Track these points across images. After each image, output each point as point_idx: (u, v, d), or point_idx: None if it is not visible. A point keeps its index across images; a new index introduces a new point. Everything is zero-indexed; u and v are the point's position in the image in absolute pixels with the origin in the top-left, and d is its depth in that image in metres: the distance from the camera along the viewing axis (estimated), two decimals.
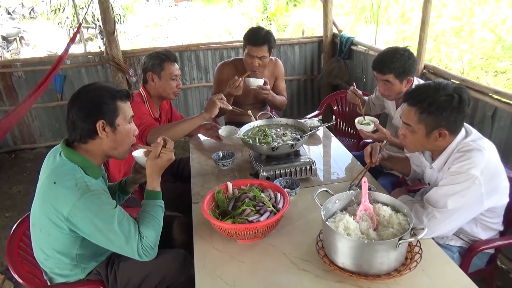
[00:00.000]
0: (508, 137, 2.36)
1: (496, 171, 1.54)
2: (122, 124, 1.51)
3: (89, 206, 1.38)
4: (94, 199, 1.39)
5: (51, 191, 1.41)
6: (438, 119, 1.51)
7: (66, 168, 1.45)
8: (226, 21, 13.19)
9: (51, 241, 1.48)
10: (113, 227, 1.40)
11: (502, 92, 2.38)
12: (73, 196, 1.36)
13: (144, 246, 1.45)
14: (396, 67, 2.10)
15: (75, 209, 1.36)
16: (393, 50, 2.15)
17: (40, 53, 10.11)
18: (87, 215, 1.38)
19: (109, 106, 1.47)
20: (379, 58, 2.18)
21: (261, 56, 2.69)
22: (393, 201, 1.49)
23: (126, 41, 11.65)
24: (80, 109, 1.45)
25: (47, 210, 1.42)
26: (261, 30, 2.71)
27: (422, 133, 1.57)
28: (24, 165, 4.50)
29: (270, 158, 2.05)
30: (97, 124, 1.45)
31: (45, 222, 1.44)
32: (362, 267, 1.30)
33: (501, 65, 5.91)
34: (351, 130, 3.62)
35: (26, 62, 4.54)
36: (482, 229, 1.67)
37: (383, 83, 2.19)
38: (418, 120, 1.55)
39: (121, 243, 1.42)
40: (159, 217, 1.54)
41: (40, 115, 4.68)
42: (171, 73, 2.37)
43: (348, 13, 10.08)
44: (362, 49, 4.26)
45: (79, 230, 1.41)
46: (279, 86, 3.06)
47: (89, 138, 1.48)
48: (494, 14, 7.10)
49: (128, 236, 1.42)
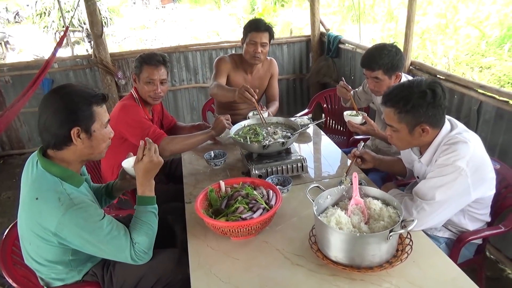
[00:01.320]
0: (493, 130, 2.42)
1: (481, 162, 1.58)
2: (98, 129, 1.45)
3: (75, 221, 1.34)
4: (80, 213, 1.35)
5: (34, 207, 1.37)
6: (417, 116, 1.55)
7: (46, 181, 1.39)
8: (213, 22, 13.20)
9: (41, 253, 1.46)
10: (103, 238, 1.38)
11: (487, 87, 2.43)
12: (57, 213, 1.32)
13: (137, 252, 1.45)
14: (385, 63, 2.14)
15: (61, 225, 1.33)
16: (381, 47, 2.19)
17: (27, 57, 10.00)
18: (74, 230, 1.35)
19: (84, 112, 1.40)
20: (367, 55, 2.22)
21: (264, 42, 2.72)
22: (383, 194, 1.52)
23: (113, 43, 11.59)
24: (54, 115, 1.37)
25: (33, 226, 1.39)
26: (262, 20, 2.79)
27: (405, 132, 1.61)
28: (13, 170, 4.45)
29: (261, 156, 2.07)
30: (71, 131, 1.38)
31: (33, 236, 1.41)
32: (354, 260, 1.33)
33: (486, 60, 6.01)
34: (341, 128, 3.66)
35: (13, 67, 4.49)
36: (469, 220, 1.71)
37: (372, 80, 2.23)
38: (398, 120, 1.59)
39: (113, 251, 1.42)
40: (152, 223, 1.52)
41: (29, 119, 4.64)
42: (147, 77, 2.27)
43: (335, 12, 10.17)
44: (349, 47, 4.30)
45: (68, 243, 1.40)
46: (273, 86, 3.07)
47: (64, 145, 1.42)
48: (478, 11, 7.23)
49: (119, 245, 1.42)
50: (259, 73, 2.95)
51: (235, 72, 2.88)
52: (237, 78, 2.87)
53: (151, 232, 1.51)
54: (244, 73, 2.91)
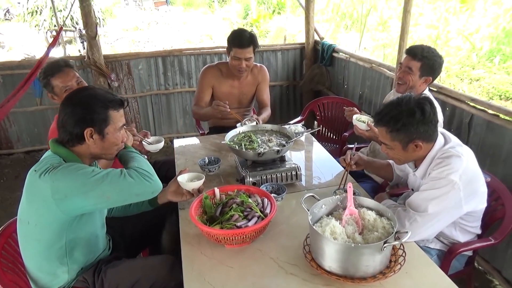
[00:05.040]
0: (483, 143, 2.46)
1: (473, 176, 1.61)
2: (111, 133, 1.51)
3: (67, 172, 1.38)
4: (69, 166, 1.41)
5: (32, 179, 1.43)
6: (408, 134, 1.58)
7: (47, 159, 1.46)
8: (207, 26, 13.18)
9: (39, 232, 1.46)
10: (100, 178, 1.38)
11: (478, 100, 2.48)
12: (50, 174, 1.37)
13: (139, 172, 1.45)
14: (427, 59, 2.20)
15: (55, 182, 1.36)
16: (430, 47, 2.28)
17: (17, 56, 9.86)
18: (69, 180, 1.38)
19: (100, 115, 1.47)
20: (416, 45, 2.31)
21: (248, 57, 2.75)
22: (377, 205, 1.54)
23: (106, 44, 11.49)
24: (71, 115, 1.45)
25: (32, 198, 1.43)
26: (245, 32, 2.76)
27: (399, 149, 1.64)
28: (1, 171, 4.38)
29: (256, 163, 2.07)
30: (85, 131, 1.45)
31: (32, 212, 1.45)
32: (348, 270, 1.33)
33: (476, 72, 6.12)
34: (333, 136, 3.69)
35: (4, 66, 4.43)
36: (461, 232, 1.74)
37: (405, 69, 2.27)
38: (391, 138, 1.62)
39: (119, 188, 1.40)
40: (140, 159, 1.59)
41: (18, 119, 4.57)
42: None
43: (328, 20, 10.26)
44: (343, 56, 4.34)
45: (68, 201, 1.38)
46: (263, 93, 3.07)
47: (77, 143, 1.49)
48: (468, 23, 7.37)
49: (118, 173, 1.41)
50: (247, 79, 2.98)
51: (222, 81, 2.92)
52: (224, 87, 2.92)
53: (143, 162, 1.54)
54: (232, 80, 2.94)
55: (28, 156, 4.71)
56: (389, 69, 3.45)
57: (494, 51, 6.47)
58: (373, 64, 3.76)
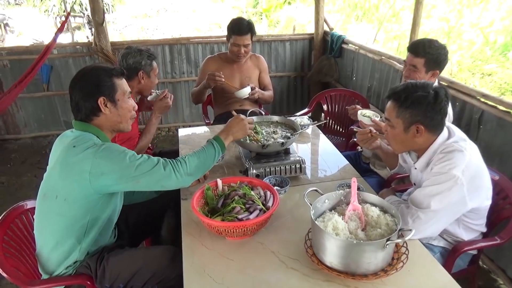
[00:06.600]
0: (493, 140, 2.41)
1: (477, 171, 1.57)
2: (121, 99, 1.60)
3: (109, 152, 1.47)
4: (112, 147, 1.51)
5: (71, 154, 1.47)
6: (414, 113, 1.55)
7: (83, 135, 1.53)
8: (216, 14, 13.07)
9: (66, 207, 1.50)
10: (137, 162, 1.47)
11: (490, 96, 2.42)
12: (93, 150, 1.45)
13: (174, 165, 1.53)
14: (430, 54, 2.16)
15: (97, 159, 1.44)
16: (432, 39, 2.25)
17: (26, 41, 9.90)
18: (109, 161, 1.45)
19: (107, 83, 1.56)
20: (417, 41, 2.30)
21: (246, 44, 2.94)
22: (381, 202, 1.51)
23: (114, 31, 11.47)
24: (81, 90, 1.54)
25: (68, 172, 1.47)
26: (243, 20, 2.95)
27: (400, 128, 1.60)
28: (8, 156, 4.42)
29: (260, 155, 2.05)
30: (98, 101, 1.53)
31: (64, 186, 1.49)
32: (349, 266, 1.32)
33: (488, 67, 6.00)
34: (340, 128, 3.65)
35: (12, 51, 4.44)
36: (464, 230, 1.71)
37: (410, 68, 2.25)
38: (396, 114, 1.59)
39: (151, 168, 1.48)
40: (209, 153, 1.66)
41: (26, 105, 4.59)
42: (157, 72, 2.48)
43: (339, 10, 10.12)
44: (353, 48, 4.28)
45: (103, 179, 1.45)
46: (264, 80, 3.27)
47: (94, 116, 1.56)
48: (481, 16, 7.21)
49: (154, 161, 1.50)
50: (247, 64, 3.17)
51: (224, 66, 3.09)
52: (225, 71, 3.04)
53: (202, 157, 1.63)
54: (232, 65, 3.11)
55: (35, 141, 4.74)
56: (399, 62, 3.38)
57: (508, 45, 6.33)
58: (382, 56, 3.69)
